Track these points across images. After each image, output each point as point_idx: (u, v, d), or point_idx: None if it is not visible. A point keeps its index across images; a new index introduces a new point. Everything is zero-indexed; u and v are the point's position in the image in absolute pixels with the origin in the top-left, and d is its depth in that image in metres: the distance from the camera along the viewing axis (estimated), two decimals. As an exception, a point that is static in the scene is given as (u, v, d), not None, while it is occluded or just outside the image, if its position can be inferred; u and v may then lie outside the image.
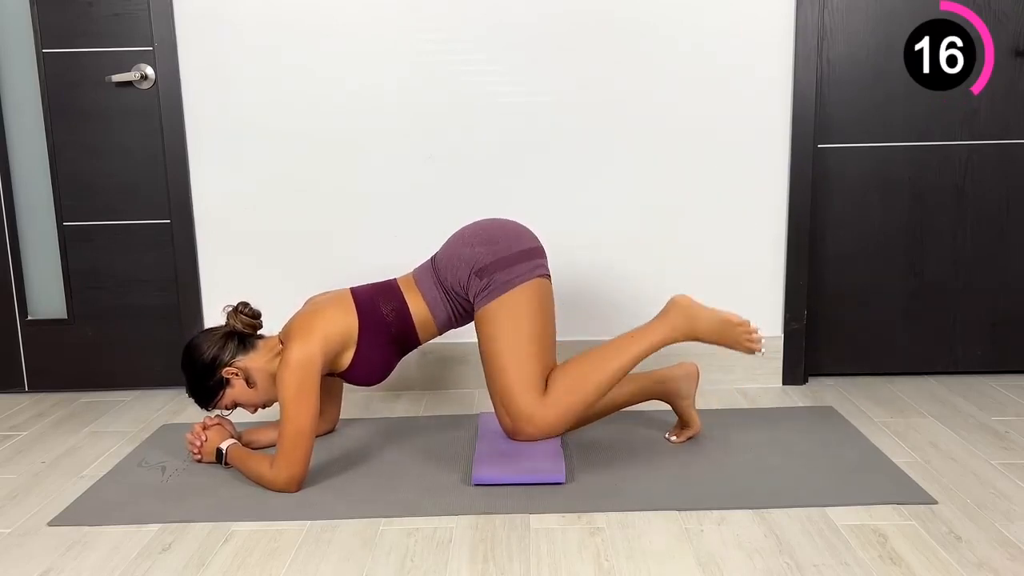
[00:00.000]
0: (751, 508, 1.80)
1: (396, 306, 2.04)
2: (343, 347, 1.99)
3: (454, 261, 2.04)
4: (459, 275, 2.02)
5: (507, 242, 2.03)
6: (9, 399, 2.69)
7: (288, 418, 1.86)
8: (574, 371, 1.99)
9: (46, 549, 1.72)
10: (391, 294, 2.06)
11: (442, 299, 2.06)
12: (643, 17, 2.48)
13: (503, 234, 2.05)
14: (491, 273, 1.99)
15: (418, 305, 2.06)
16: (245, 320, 2.04)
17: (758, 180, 2.56)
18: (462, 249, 2.04)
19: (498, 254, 2.00)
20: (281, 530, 1.76)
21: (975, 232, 2.60)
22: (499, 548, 1.67)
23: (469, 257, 2.01)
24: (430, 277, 2.08)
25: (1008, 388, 2.54)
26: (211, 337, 2.02)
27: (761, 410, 2.41)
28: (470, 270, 2.00)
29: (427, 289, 2.06)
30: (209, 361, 1.98)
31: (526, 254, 2.02)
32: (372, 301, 2.04)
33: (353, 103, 2.52)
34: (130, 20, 2.52)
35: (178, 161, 2.55)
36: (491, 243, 2.02)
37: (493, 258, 2.00)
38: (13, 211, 2.65)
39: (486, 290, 1.98)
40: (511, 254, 2.01)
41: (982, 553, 1.60)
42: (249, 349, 2.02)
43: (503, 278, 1.98)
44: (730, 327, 1.99)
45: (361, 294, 2.06)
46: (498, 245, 2.02)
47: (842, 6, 2.49)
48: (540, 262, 2.05)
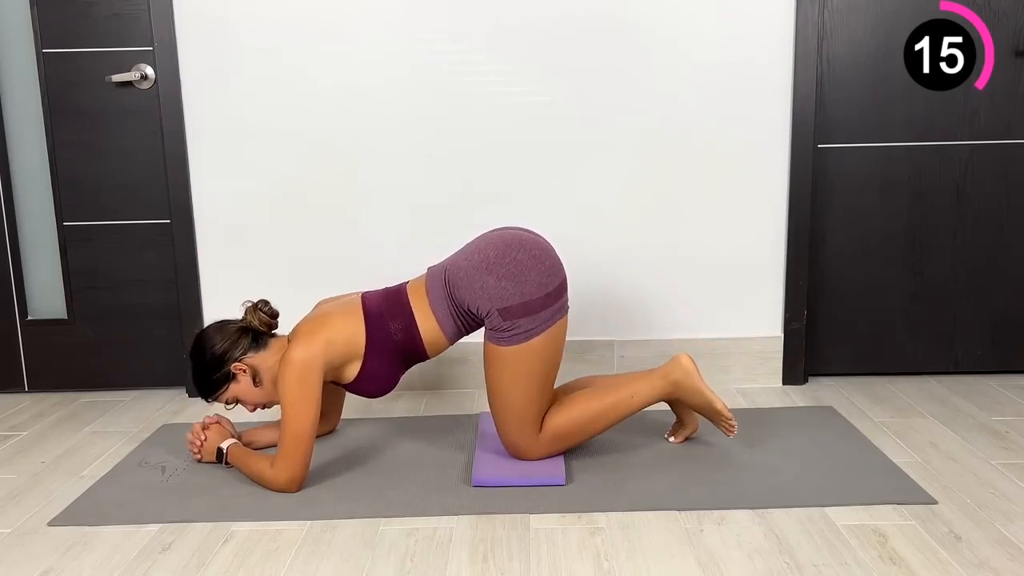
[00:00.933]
0: (751, 508, 1.80)
1: (405, 324, 1.97)
2: (347, 358, 1.96)
3: (475, 288, 1.92)
4: (478, 304, 1.92)
5: (535, 279, 1.91)
6: (9, 399, 2.69)
7: (289, 419, 1.86)
8: (570, 423, 2.00)
9: (46, 549, 1.72)
10: (400, 309, 1.98)
11: (453, 316, 1.98)
12: (643, 19, 2.47)
13: (532, 267, 1.92)
14: (516, 317, 1.89)
15: (427, 321, 1.98)
16: (263, 318, 2.03)
17: (758, 180, 2.56)
18: (485, 278, 1.91)
19: (525, 295, 1.89)
20: (281, 530, 1.76)
21: (975, 232, 2.60)
22: (499, 548, 1.67)
23: (494, 291, 1.90)
24: (442, 291, 1.97)
25: (1008, 388, 2.54)
26: (225, 330, 2.01)
27: (761, 410, 2.41)
28: (492, 306, 1.90)
29: (438, 305, 1.97)
30: (220, 354, 1.98)
31: (553, 296, 1.93)
32: (380, 317, 1.97)
33: (353, 103, 2.52)
34: (130, 20, 2.52)
35: (178, 161, 2.55)
36: (519, 280, 1.90)
37: (520, 300, 1.89)
38: (13, 211, 2.65)
39: (507, 332, 1.90)
40: (538, 298, 1.90)
41: (982, 553, 1.60)
42: (260, 348, 2.01)
43: (527, 325, 1.90)
44: (717, 415, 2.04)
45: (371, 306, 1.99)
46: (526, 284, 1.90)
47: (842, 6, 2.49)
48: (563, 301, 1.97)
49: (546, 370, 1.96)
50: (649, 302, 2.62)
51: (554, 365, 1.98)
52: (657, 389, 2.03)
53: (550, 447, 2.00)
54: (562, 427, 1.99)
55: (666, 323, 2.63)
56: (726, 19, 2.48)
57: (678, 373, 2.03)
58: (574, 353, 2.59)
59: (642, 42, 2.49)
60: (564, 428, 1.99)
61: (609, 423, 2.03)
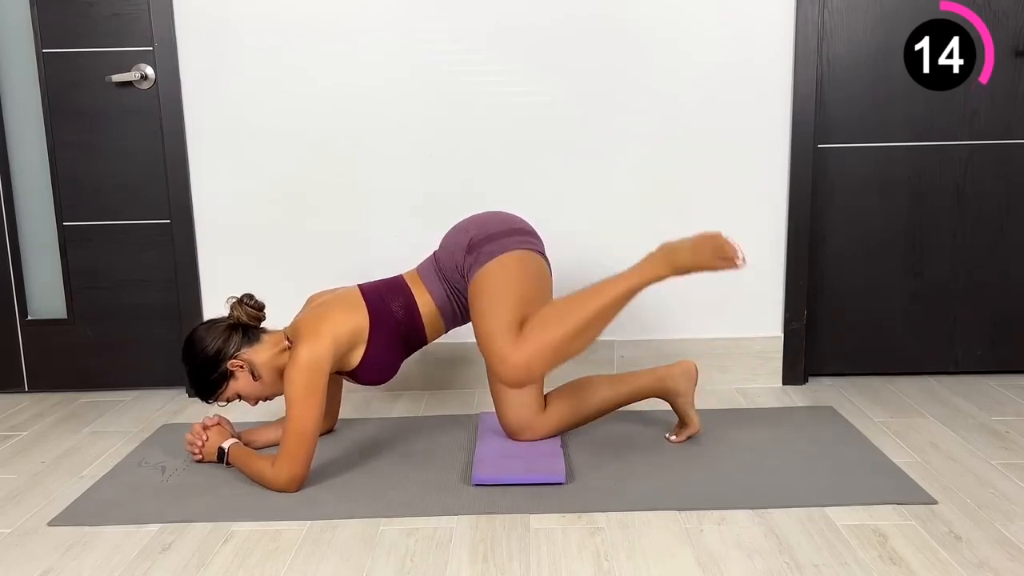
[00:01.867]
0: (751, 508, 1.80)
1: (405, 302, 2.06)
2: (352, 346, 2.00)
3: (451, 248, 2.08)
4: (455, 260, 2.05)
5: (497, 224, 2.08)
6: (9, 399, 2.69)
7: (293, 418, 1.86)
8: (550, 310, 1.93)
9: (46, 549, 1.72)
10: (399, 291, 2.08)
11: (446, 292, 2.08)
12: (643, 19, 2.47)
13: (495, 219, 2.10)
14: (480, 247, 2.02)
15: (425, 300, 2.08)
16: (249, 312, 2.03)
17: (758, 180, 2.56)
18: (457, 236, 2.09)
19: (488, 232, 2.04)
20: (281, 530, 1.76)
21: (975, 232, 2.60)
22: (499, 548, 1.67)
23: (463, 240, 2.06)
24: (433, 271, 2.10)
25: (1008, 388, 2.54)
26: (214, 330, 2.01)
27: (761, 410, 2.41)
28: (464, 251, 2.04)
29: (432, 283, 2.09)
30: (213, 354, 1.98)
31: (516, 231, 2.06)
32: (382, 298, 2.05)
33: (353, 103, 2.52)
34: (130, 20, 2.52)
35: (178, 161, 2.55)
36: (483, 226, 2.07)
37: (483, 235, 2.04)
38: (13, 211, 2.65)
39: (476, 262, 2.01)
40: (500, 231, 2.05)
41: (982, 553, 1.60)
42: (254, 342, 2.01)
43: (490, 248, 2.01)
44: (703, 243, 1.87)
45: (370, 291, 2.07)
46: (489, 226, 2.07)
47: (842, 6, 2.49)
48: (529, 239, 2.07)
49: (519, 289, 1.97)
50: (649, 302, 2.62)
51: (527, 286, 1.98)
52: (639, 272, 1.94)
53: (530, 341, 1.88)
54: (539, 317, 1.91)
55: (666, 323, 2.63)
56: (726, 19, 2.48)
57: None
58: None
59: (642, 42, 2.49)
60: (541, 318, 1.91)
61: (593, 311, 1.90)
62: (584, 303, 1.91)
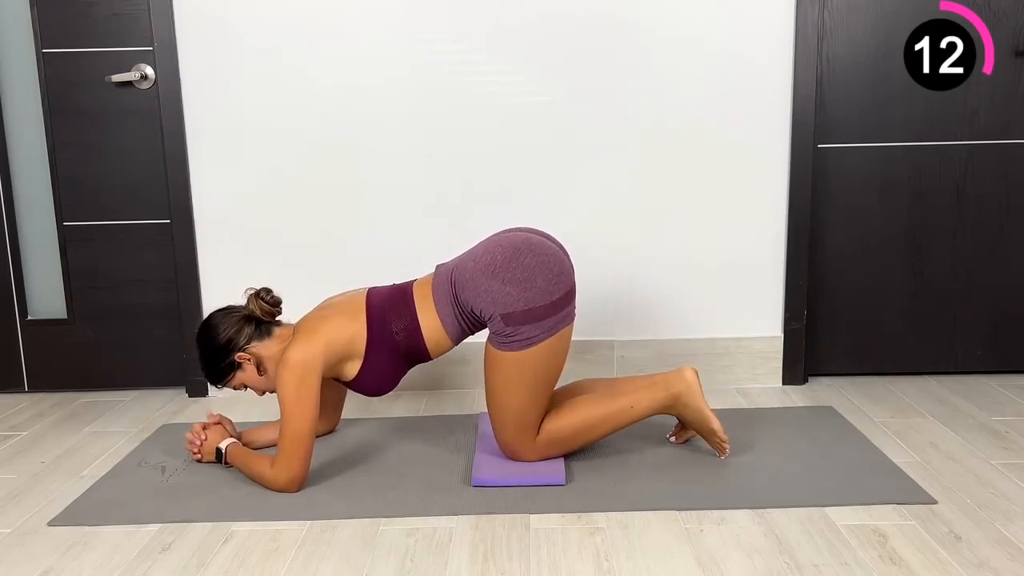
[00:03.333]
0: (751, 508, 1.80)
1: (407, 324, 1.95)
2: (348, 356, 1.96)
3: (479, 291, 1.89)
4: (482, 308, 1.90)
5: (541, 286, 1.88)
6: (9, 399, 2.69)
7: (288, 419, 1.86)
8: (567, 429, 1.98)
9: (46, 549, 1.72)
10: (403, 310, 1.96)
11: (457, 318, 1.96)
12: (643, 19, 2.47)
13: (539, 273, 1.88)
14: (518, 324, 1.87)
15: (431, 322, 1.96)
16: (264, 307, 2.02)
17: (758, 180, 2.56)
18: (491, 281, 1.88)
19: (530, 302, 1.86)
20: (281, 530, 1.76)
21: (975, 232, 2.60)
22: (499, 548, 1.67)
23: (498, 296, 1.87)
24: (448, 292, 1.95)
25: (1008, 388, 2.54)
26: (229, 318, 2.00)
27: (761, 410, 2.41)
28: (495, 310, 1.88)
29: (442, 306, 1.96)
30: (224, 343, 1.98)
31: (559, 304, 1.89)
32: (383, 317, 1.96)
33: (353, 103, 2.52)
34: (130, 20, 2.52)
35: (178, 161, 2.55)
36: (524, 286, 1.87)
37: (524, 307, 1.86)
38: (13, 211, 2.65)
39: (509, 338, 1.88)
40: (543, 305, 1.87)
41: (982, 553, 1.60)
42: (264, 336, 2.01)
43: (528, 332, 1.87)
44: (711, 434, 2.02)
45: (374, 305, 1.98)
46: (531, 291, 1.87)
47: (842, 6, 2.49)
48: (569, 310, 1.94)
49: (546, 377, 1.94)
50: (649, 302, 2.62)
51: (555, 372, 1.96)
52: (658, 401, 2.01)
53: (546, 451, 2.00)
54: (559, 432, 1.98)
55: (666, 323, 2.63)
56: (726, 19, 2.48)
57: (680, 386, 2.00)
58: (574, 353, 2.58)
59: (642, 42, 2.49)
60: (561, 434, 1.98)
61: (607, 431, 2.02)
62: (597, 427, 2.00)
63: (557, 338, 1.91)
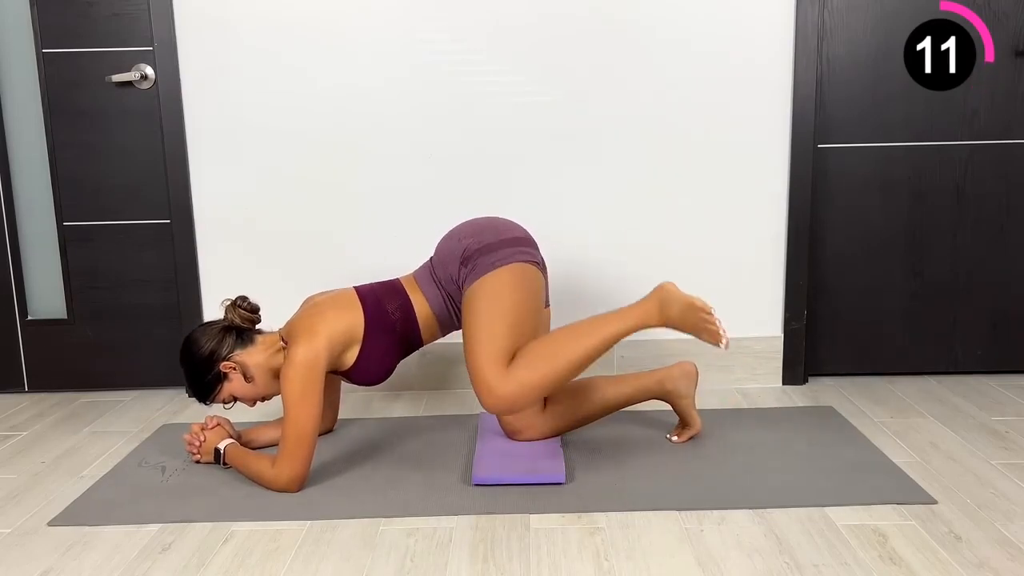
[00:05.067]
0: (751, 508, 1.80)
1: (401, 304, 2.05)
2: (347, 346, 2.00)
3: (445, 256, 2.06)
4: (450, 269, 2.03)
5: (493, 233, 2.04)
6: (9, 399, 2.69)
7: (291, 418, 1.86)
8: (541, 347, 1.91)
9: (46, 549, 1.72)
10: (395, 293, 2.07)
11: (443, 298, 2.07)
12: (643, 19, 2.47)
13: (490, 226, 2.07)
14: (475, 258, 1.99)
15: (421, 303, 2.07)
16: (243, 314, 2.04)
17: (758, 180, 2.56)
18: (452, 244, 2.06)
19: (483, 242, 2.01)
20: (281, 530, 1.76)
21: (975, 232, 2.60)
22: (499, 548, 1.67)
23: (457, 249, 2.03)
24: (429, 276, 2.09)
25: (1008, 388, 2.54)
26: (209, 331, 2.02)
27: (761, 410, 2.41)
28: (459, 261, 2.02)
29: (428, 290, 2.08)
30: (207, 355, 1.98)
31: (511, 242, 2.03)
32: (377, 300, 2.05)
33: (353, 103, 2.52)
34: (130, 20, 2.52)
35: (178, 161, 2.55)
36: (477, 234, 2.04)
37: (478, 245, 2.01)
38: (13, 211, 2.65)
39: (472, 272, 1.98)
40: (495, 241, 2.02)
41: (982, 553, 1.60)
42: (247, 344, 2.02)
43: (486, 260, 1.98)
44: (692, 311, 1.87)
45: (366, 292, 2.07)
46: (484, 235, 2.04)
47: (842, 6, 2.49)
48: (525, 249, 2.04)
49: (512, 307, 1.93)
50: (649, 302, 2.62)
51: (521, 304, 1.95)
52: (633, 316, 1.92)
53: (518, 379, 1.87)
54: (529, 354, 1.90)
55: (666, 323, 2.62)
56: (726, 19, 2.48)
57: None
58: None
59: (642, 42, 2.49)
60: (532, 355, 1.89)
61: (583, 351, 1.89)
62: (575, 342, 1.91)
63: (519, 268, 1.98)
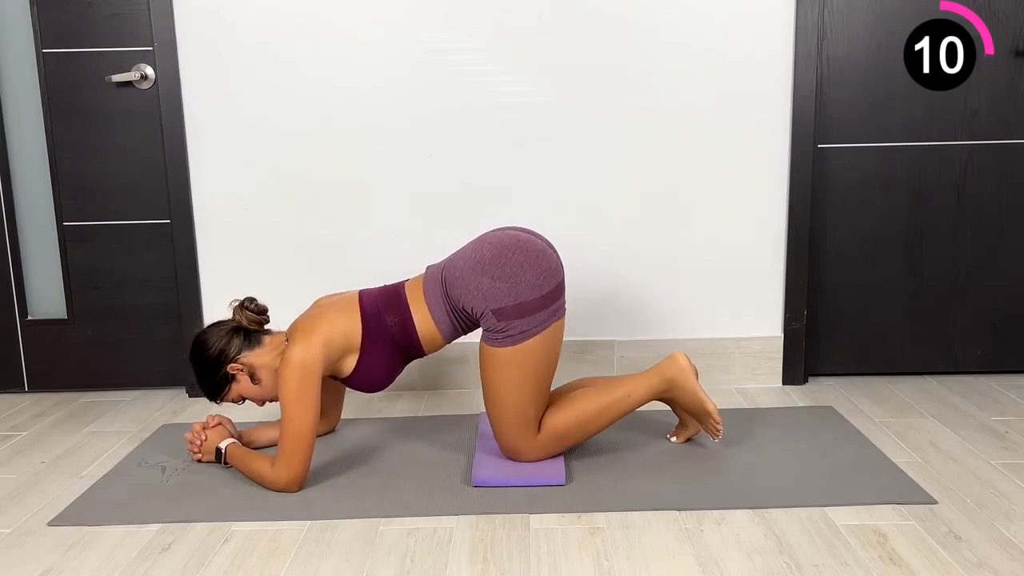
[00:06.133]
0: (751, 508, 1.80)
1: (401, 319, 1.98)
2: (345, 352, 1.97)
3: (470, 288, 1.91)
4: (473, 304, 1.92)
5: (531, 280, 1.90)
6: (9, 399, 2.69)
7: (289, 418, 1.86)
8: (567, 423, 1.99)
9: (46, 549, 1.72)
10: (396, 305, 1.99)
11: (448, 315, 1.98)
12: (643, 19, 2.48)
13: (528, 268, 1.91)
14: (510, 319, 1.88)
15: (423, 318, 1.98)
16: (250, 316, 2.03)
17: (758, 180, 2.56)
18: (480, 279, 1.90)
19: (519, 297, 1.88)
20: (281, 530, 1.76)
21: (975, 232, 2.60)
22: (499, 548, 1.67)
23: (488, 292, 1.89)
24: (439, 291, 1.98)
25: (1008, 388, 2.54)
26: (218, 331, 2.01)
27: (761, 410, 2.41)
28: (487, 306, 1.90)
29: (434, 302, 1.98)
30: (215, 356, 1.98)
31: (549, 298, 1.91)
32: (377, 310, 1.98)
33: (353, 103, 2.52)
34: (130, 20, 2.52)
35: (178, 161, 2.55)
36: (513, 281, 1.89)
37: (514, 301, 1.88)
38: (13, 211, 2.65)
39: (501, 334, 1.89)
40: (534, 299, 1.89)
41: (982, 553, 1.60)
42: (255, 345, 2.01)
43: (521, 327, 1.89)
44: (706, 415, 2.04)
45: (367, 301, 2.00)
46: (520, 285, 1.89)
47: (842, 6, 2.49)
48: (559, 303, 1.95)
49: (542, 372, 1.95)
50: (649, 302, 2.62)
51: (550, 367, 1.97)
52: (653, 386, 2.04)
53: (547, 448, 2.00)
54: (559, 427, 1.99)
55: (666, 323, 2.63)
56: (726, 19, 2.48)
57: (674, 370, 2.04)
58: (574, 353, 2.59)
59: (642, 42, 2.49)
60: (561, 428, 1.99)
61: (606, 422, 2.02)
62: (597, 419, 2.01)
63: (550, 331, 1.93)
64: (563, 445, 2.02)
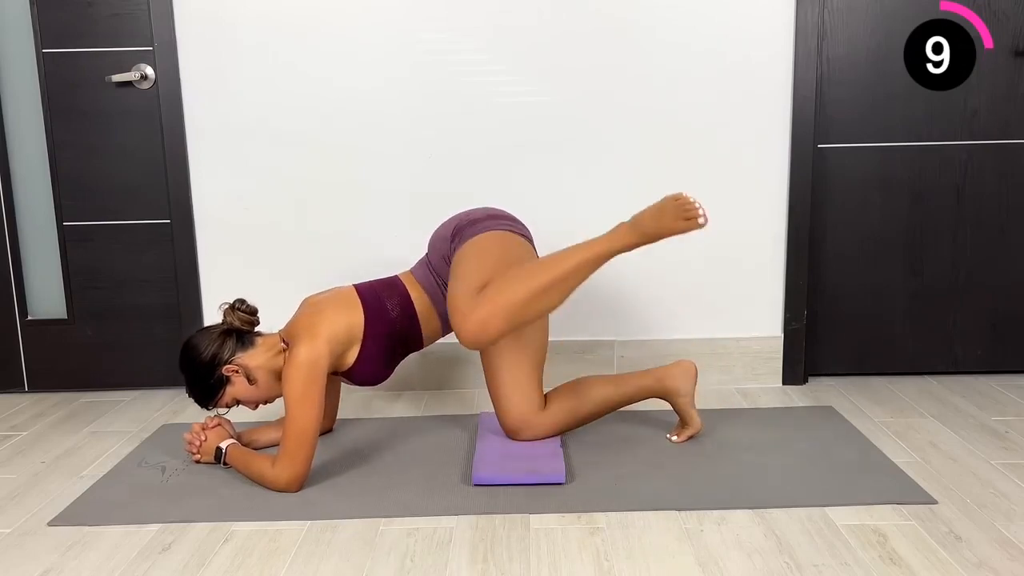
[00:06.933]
0: (751, 508, 1.80)
1: (400, 300, 2.10)
2: (348, 344, 2.02)
3: (438, 241, 2.14)
4: (442, 251, 2.11)
5: (481, 212, 2.15)
6: (9, 399, 2.69)
7: (293, 418, 1.87)
8: (513, 270, 1.92)
9: (46, 549, 1.72)
10: (394, 289, 2.12)
11: (438, 287, 2.12)
12: (643, 19, 2.48)
13: (479, 210, 2.18)
14: (464, 230, 2.08)
15: (419, 296, 2.13)
16: (242, 317, 2.04)
17: (758, 180, 2.56)
18: (442, 231, 2.16)
19: (472, 218, 2.12)
20: (281, 530, 1.76)
21: (975, 232, 2.60)
22: (499, 548, 1.67)
23: (447, 231, 2.13)
24: (425, 268, 2.16)
25: (1008, 388, 2.54)
26: (209, 335, 2.02)
27: (761, 410, 2.41)
28: (449, 239, 2.10)
29: (423, 279, 2.14)
30: (209, 360, 1.98)
31: (499, 217, 2.13)
32: (377, 297, 2.08)
33: (353, 103, 2.52)
34: (130, 20, 2.52)
35: (178, 161, 2.55)
36: (467, 215, 2.15)
37: (467, 221, 2.11)
38: (13, 211, 2.66)
39: (459, 243, 2.06)
40: (483, 216, 2.11)
41: (982, 553, 1.60)
42: (248, 346, 2.02)
43: (472, 230, 2.07)
44: (663, 206, 1.88)
45: (366, 290, 2.10)
46: (472, 214, 2.14)
47: (842, 6, 2.49)
48: (512, 223, 2.13)
49: (496, 258, 1.99)
50: (649, 302, 2.62)
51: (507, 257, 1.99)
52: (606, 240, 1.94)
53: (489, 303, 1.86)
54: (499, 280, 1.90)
55: (666, 323, 2.63)
56: (726, 19, 2.48)
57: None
58: (574, 353, 2.59)
59: (642, 42, 2.49)
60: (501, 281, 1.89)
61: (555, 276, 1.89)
62: (549, 266, 1.90)
63: (505, 234, 2.06)
64: (506, 300, 1.86)
